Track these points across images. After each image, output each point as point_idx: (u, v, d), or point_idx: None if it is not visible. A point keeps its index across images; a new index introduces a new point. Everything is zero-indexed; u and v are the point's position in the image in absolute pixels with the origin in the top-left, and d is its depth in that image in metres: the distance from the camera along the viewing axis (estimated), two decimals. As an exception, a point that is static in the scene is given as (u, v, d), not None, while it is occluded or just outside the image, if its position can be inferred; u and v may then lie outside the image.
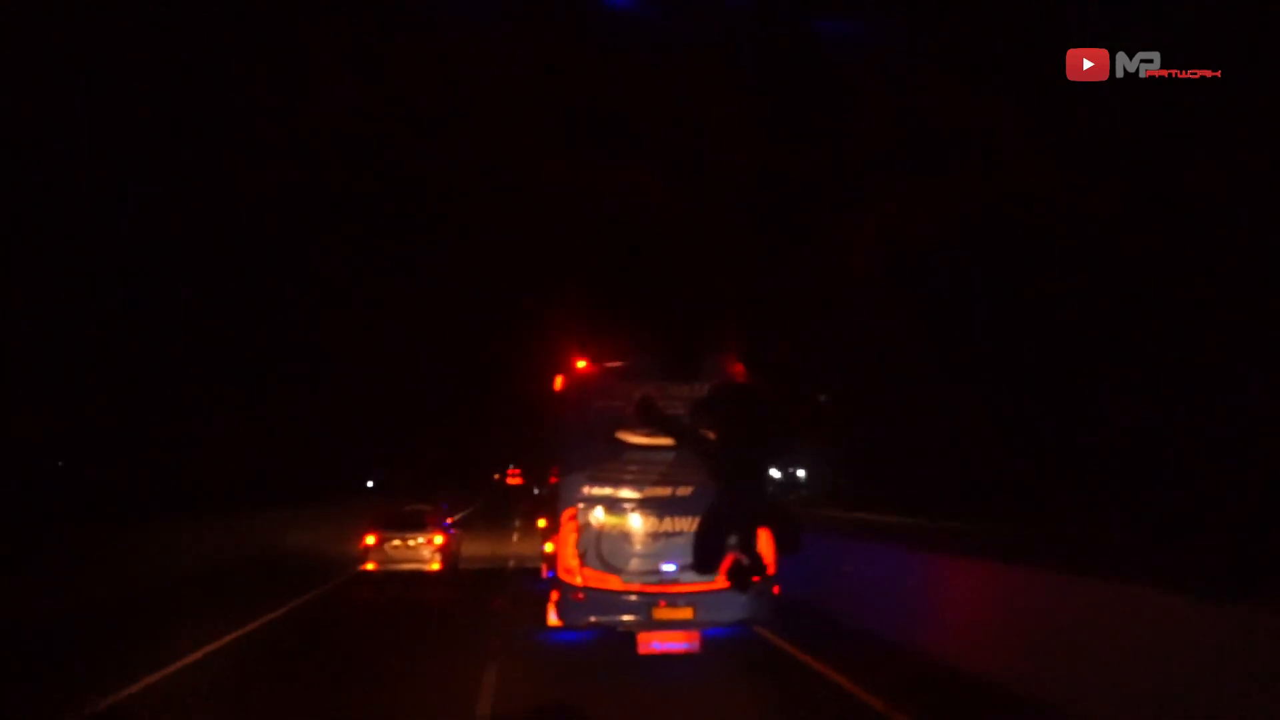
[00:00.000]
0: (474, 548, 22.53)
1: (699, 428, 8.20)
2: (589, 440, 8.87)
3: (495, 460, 72.01)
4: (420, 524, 17.11)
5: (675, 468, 8.72)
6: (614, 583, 8.62)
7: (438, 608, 14.03)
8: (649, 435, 8.70)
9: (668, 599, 8.61)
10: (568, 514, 8.80)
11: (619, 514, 8.78)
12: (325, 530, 24.54)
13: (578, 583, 8.68)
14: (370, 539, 16.74)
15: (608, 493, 8.79)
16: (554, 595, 8.94)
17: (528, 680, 8.63)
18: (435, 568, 16.72)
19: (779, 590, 8.92)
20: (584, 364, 8.96)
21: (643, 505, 8.76)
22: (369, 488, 46.66)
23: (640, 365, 9.05)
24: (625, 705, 7.88)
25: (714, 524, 8.08)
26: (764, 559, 8.77)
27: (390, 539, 16.70)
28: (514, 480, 55.65)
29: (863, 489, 36.44)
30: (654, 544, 8.69)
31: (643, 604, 8.62)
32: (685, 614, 8.63)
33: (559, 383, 9.29)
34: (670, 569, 8.63)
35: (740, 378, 8.75)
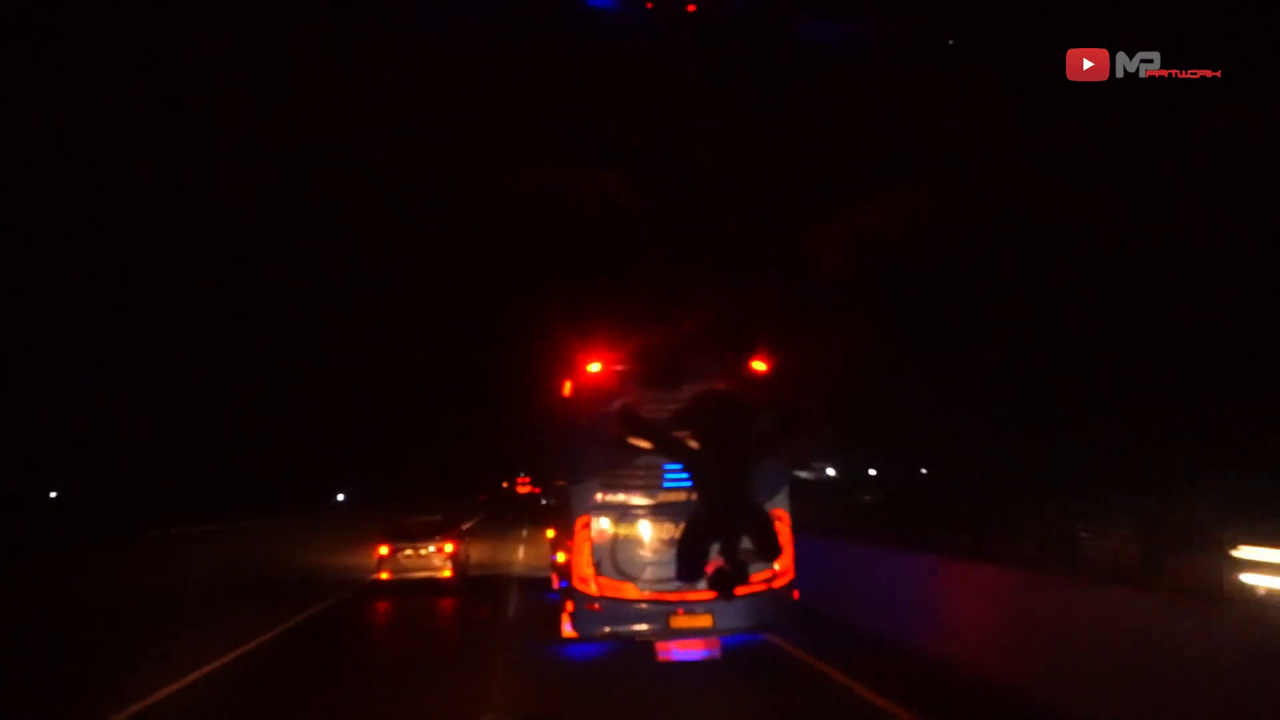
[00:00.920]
0: (481, 555, 22.47)
1: (681, 435, 8.11)
2: (600, 446, 8.66)
3: (502, 468, 71.87)
4: (431, 533, 17.56)
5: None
6: (630, 592, 8.42)
7: (448, 625, 13.92)
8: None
9: (685, 607, 8.41)
10: (580, 522, 8.60)
11: (633, 521, 8.57)
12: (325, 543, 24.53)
13: (593, 592, 8.48)
14: (384, 549, 17.14)
15: (621, 500, 8.59)
16: (569, 606, 8.75)
17: (543, 690, 8.46)
18: (447, 575, 17.11)
19: (798, 596, 8.74)
20: (596, 367, 8.73)
21: (657, 511, 8.55)
22: (339, 501, 43.30)
23: (650, 368, 8.86)
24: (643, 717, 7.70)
25: (696, 531, 7.97)
26: (784, 564, 8.66)
27: (403, 549, 17.14)
28: (524, 489, 55.24)
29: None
30: (670, 551, 8.45)
31: (660, 613, 8.42)
32: (704, 622, 8.43)
33: (567, 388, 9.10)
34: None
35: (762, 377, 8.66)
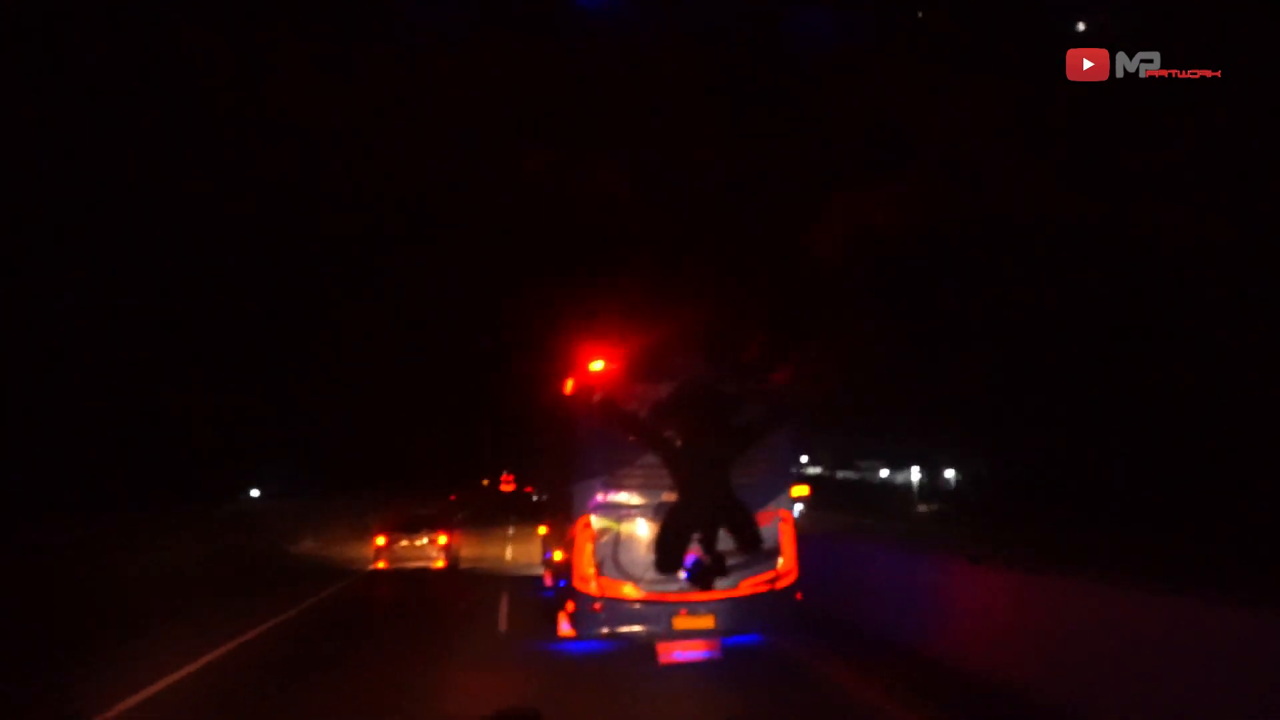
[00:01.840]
0: (469, 550, 22.47)
1: (661, 428, 8.12)
2: (602, 444, 8.56)
3: (479, 466, 71.49)
4: (426, 525, 18.93)
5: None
6: (632, 592, 8.33)
7: (441, 616, 13.76)
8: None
9: (688, 607, 8.33)
10: (582, 522, 8.49)
11: (635, 521, 8.47)
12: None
13: (594, 592, 8.37)
14: (381, 540, 18.50)
15: (624, 499, 8.49)
16: (569, 606, 8.64)
17: (543, 687, 8.35)
18: (440, 565, 18.28)
19: (801, 597, 8.67)
20: (600, 365, 8.62)
21: (660, 511, 8.45)
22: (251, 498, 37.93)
23: (655, 365, 8.76)
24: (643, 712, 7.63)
25: (674, 524, 7.97)
26: (787, 565, 8.60)
27: (399, 539, 18.39)
28: (507, 487, 56.04)
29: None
30: None
31: (662, 613, 8.34)
32: (706, 623, 8.35)
33: (569, 385, 8.99)
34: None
35: (790, 375, 8.64)
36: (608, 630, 8.41)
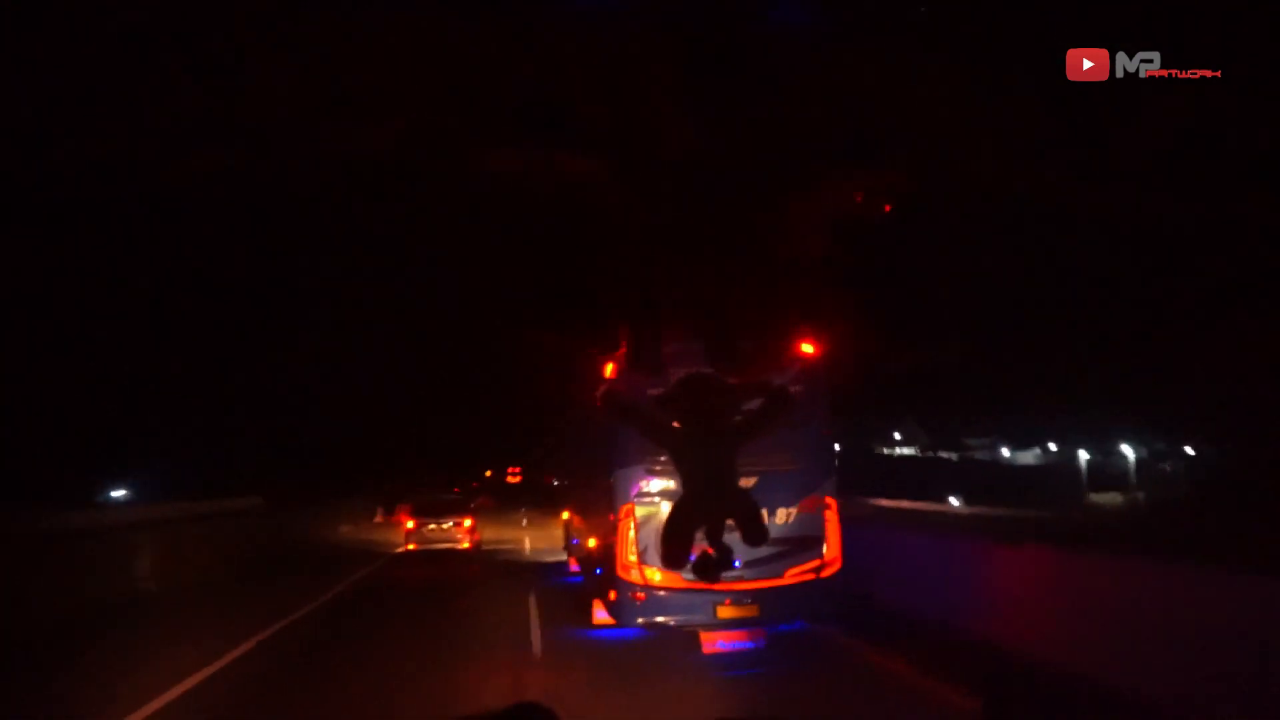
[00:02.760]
0: (488, 534, 23.24)
1: (665, 419, 7.94)
2: (647, 430, 8.41)
3: (482, 458, 72.08)
4: (451, 509, 20.46)
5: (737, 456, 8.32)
6: (676, 581, 8.22)
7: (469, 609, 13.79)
8: None
9: (732, 596, 8.22)
10: (625, 510, 8.38)
11: None
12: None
13: (636, 580, 8.27)
14: (410, 524, 19.94)
15: (666, 486, 8.36)
16: (610, 594, 8.55)
17: (577, 679, 8.28)
18: (465, 546, 19.67)
19: (845, 585, 8.57)
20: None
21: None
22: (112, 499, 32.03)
23: (696, 350, 8.58)
24: (684, 706, 7.53)
25: (679, 517, 7.82)
26: (832, 553, 8.48)
27: (427, 523, 19.78)
28: (514, 479, 57.26)
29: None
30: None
31: (706, 602, 8.22)
32: (750, 612, 8.25)
33: (610, 369, 8.84)
34: (734, 565, 8.23)
35: (808, 360, 8.50)
36: (650, 619, 8.31)
